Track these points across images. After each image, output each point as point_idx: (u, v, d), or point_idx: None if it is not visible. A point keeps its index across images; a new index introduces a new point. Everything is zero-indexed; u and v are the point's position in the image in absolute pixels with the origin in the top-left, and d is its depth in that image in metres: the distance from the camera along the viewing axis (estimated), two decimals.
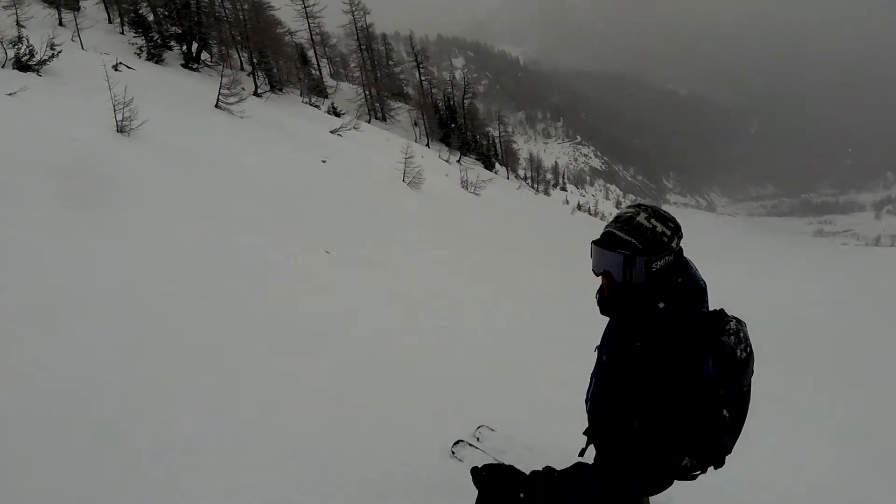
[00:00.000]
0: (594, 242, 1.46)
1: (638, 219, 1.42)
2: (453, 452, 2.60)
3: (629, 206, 1.51)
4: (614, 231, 1.43)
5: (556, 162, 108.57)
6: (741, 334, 1.51)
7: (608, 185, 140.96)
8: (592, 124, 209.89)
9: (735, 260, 16.42)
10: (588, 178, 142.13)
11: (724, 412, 1.50)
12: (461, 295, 5.79)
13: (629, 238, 1.40)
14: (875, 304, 10.94)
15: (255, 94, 17.63)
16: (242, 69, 20.88)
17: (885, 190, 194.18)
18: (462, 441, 2.67)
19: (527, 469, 1.50)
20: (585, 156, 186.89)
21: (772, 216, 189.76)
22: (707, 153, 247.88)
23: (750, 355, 1.54)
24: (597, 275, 1.50)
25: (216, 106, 12.68)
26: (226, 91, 12.89)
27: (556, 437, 2.29)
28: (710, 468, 1.64)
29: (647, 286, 1.44)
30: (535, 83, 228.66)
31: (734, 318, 1.56)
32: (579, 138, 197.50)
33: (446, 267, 6.95)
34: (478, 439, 2.78)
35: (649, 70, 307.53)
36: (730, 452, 1.62)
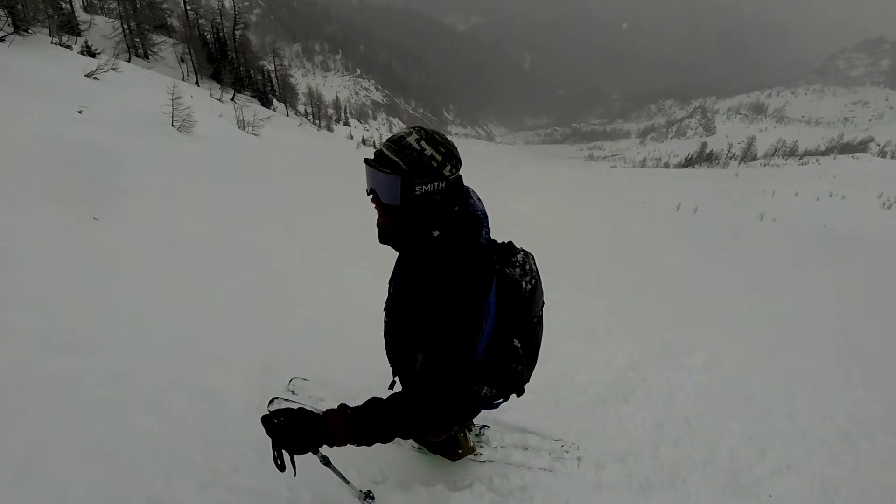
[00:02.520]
0: (365, 160, 1.37)
1: (408, 139, 1.32)
2: (270, 412, 2.31)
3: (408, 127, 1.40)
4: (383, 150, 1.34)
5: (336, 96, 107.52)
6: (527, 266, 1.51)
7: (391, 118, 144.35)
8: (372, 57, 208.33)
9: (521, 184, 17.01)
10: (370, 111, 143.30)
11: (516, 342, 1.54)
12: (266, 244, 5.29)
13: (395, 158, 1.31)
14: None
15: None
16: None
17: (648, 120, 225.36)
18: (277, 398, 2.54)
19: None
20: (366, 89, 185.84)
21: (546, 143, 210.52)
22: (484, 87, 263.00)
23: (536, 287, 1.55)
24: (368, 194, 1.41)
25: None
26: None
27: (371, 375, 2.21)
28: (514, 396, 1.68)
29: (418, 212, 1.37)
30: (311, 13, 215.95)
31: (521, 250, 1.57)
32: (359, 71, 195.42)
33: (238, 214, 6.32)
34: (293, 392, 2.66)
35: (428, 3, 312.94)
36: (528, 381, 1.67)
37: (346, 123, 70.16)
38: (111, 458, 2.03)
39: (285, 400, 2.56)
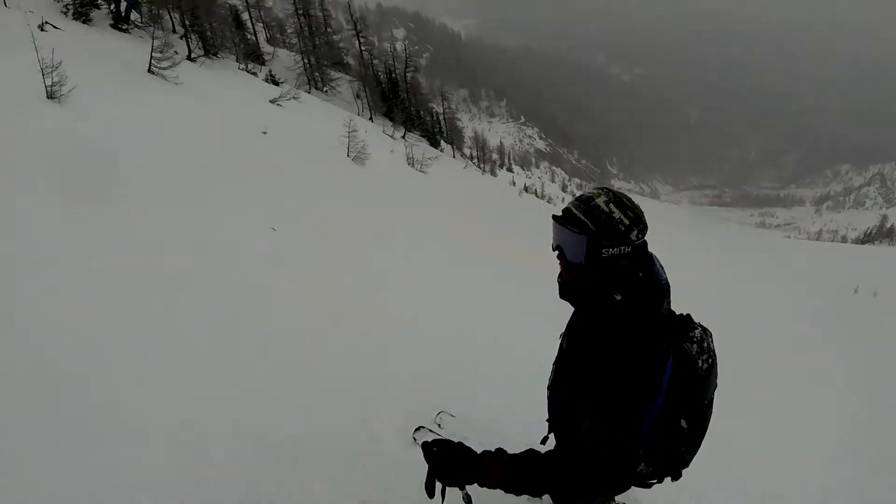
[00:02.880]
0: (554, 217, 1.42)
1: (597, 200, 1.36)
2: (415, 439, 2.52)
3: (596, 187, 1.47)
4: (571, 209, 1.38)
5: (500, 142, 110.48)
6: (705, 344, 1.47)
7: (553, 167, 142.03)
8: (536, 105, 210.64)
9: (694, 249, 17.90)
10: (533, 159, 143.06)
11: (683, 423, 1.48)
12: (432, 277, 5.73)
13: (583, 218, 1.35)
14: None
15: (189, 58, 16.69)
16: (174, 31, 19.61)
17: (825, 187, 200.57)
18: (423, 427, 2.57)
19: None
20: (530, 137, 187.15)
21: (714, 206, 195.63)
22: (649, 140, 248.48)
23: (712, 367, 1.50)
24: (553, 250, 1.45)
25: (149, 71, 11.91)
26: (158, 55, 12.01)
27: (520, 423, 2.20)
28: (668, 479, 1.63)
29: (602, 274, 1.39)
30: (478, 60, 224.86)
31: (700, 325, 1.52)
32: (523, 118, 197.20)
33: (410, 247, 6.76)
34: (439, 426, 2.69)
35: (592, 53, 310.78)
36: (687, 466, 1.62)
37: (510, 169, 70.75)
38: (110, 456, 2.06)
39: (430, 431, 2.62)
